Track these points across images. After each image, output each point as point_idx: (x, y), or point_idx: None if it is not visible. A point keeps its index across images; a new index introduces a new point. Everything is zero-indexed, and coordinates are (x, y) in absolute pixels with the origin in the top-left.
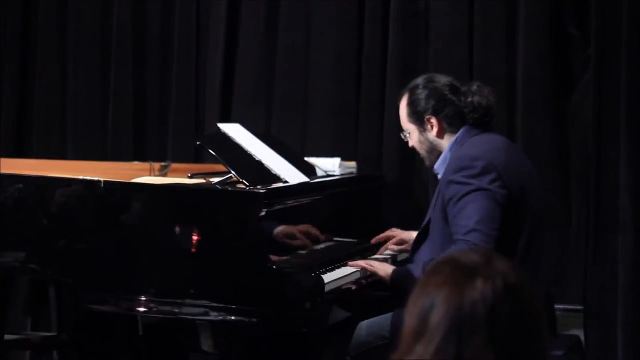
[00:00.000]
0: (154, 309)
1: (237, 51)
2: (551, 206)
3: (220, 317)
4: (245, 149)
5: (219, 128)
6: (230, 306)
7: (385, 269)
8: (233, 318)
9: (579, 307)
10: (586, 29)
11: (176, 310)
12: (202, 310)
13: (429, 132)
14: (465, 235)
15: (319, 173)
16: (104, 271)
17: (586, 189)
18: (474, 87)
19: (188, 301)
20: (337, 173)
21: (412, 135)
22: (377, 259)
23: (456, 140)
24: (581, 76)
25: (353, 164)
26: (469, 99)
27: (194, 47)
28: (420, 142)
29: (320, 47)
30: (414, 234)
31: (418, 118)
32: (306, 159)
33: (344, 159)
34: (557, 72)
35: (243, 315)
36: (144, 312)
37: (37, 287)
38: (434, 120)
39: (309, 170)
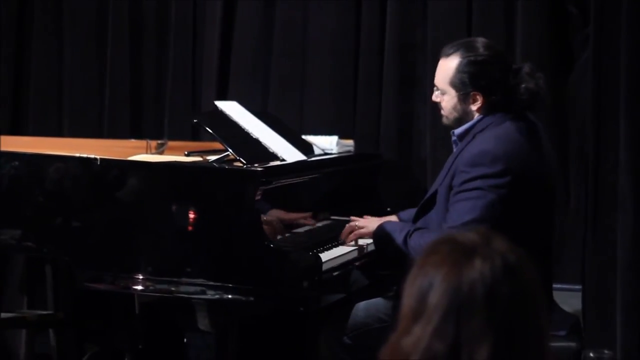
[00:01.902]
0: (151, 287)
1: (234, 28)
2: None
3: (217, 296)
4: (242, 127)
5: (215, 106)
6: (227, 284)
7: (370, 226)
8: (230, 296)
9: (577, 287)
10: (585, 7)
11: (173, 289)
12: (198, 288)
13: (470, 104)
14: (450, 229)
15: (317, 151)
16: (100, 249)
17: (585, 168)
18: (527, 69)
19: (185, 279)
20: (334, 151)
21: (448, 98)
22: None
23: (483, 117)
24: (580, 55)
25: (350, 142)
26: (523, 85)
27: (190, 23)
28: (454, 108)
29: (317, 24)
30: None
31: (463, 89)
32: (303, 137)
33: (341, 136)
34: (555, 50)
35: (240, 293)
36: (141, 290)
37: (33, 265)
38: (479, 97)
39: (307, 148)
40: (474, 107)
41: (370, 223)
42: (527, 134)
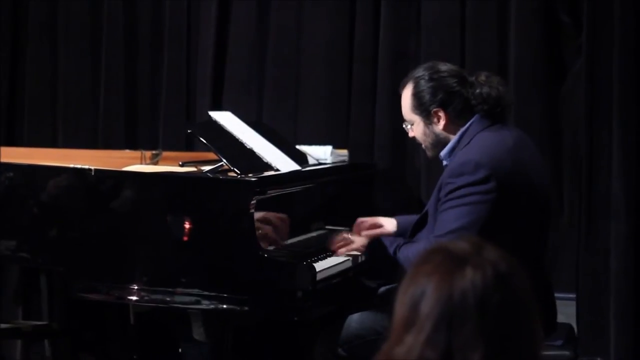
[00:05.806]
0: (145, 298)
1: (228, 38)
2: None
3: (212, 306)
4: (237, 137)
5: (210, 116)
6: (221, 294)
7: (362, 241)
8: (225, 306)
9: (571, 295)
10: (578, 17)
11: (168, 299)
12: (193, 298)
13: (435, 124)
14: (437, 237)
15: (311, 161)
16: (95, 260)
17: (578, 176)
18: (482, 77)
19: (179, 290)
20: (328, 161)
21: (416, 126)
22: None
23: (467, 130)
24: (573, 64)
25: (345, 151)
26: (477, 90)
27: (184, 34)
28: (425, 134)
29: (311, 34)
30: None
31: (424, 110)
32: (298, 147)
33: (335, 146)
34: (548, 59)
35: (235, 303)
36: (135, 300)
37: (28, 276)
38: (441, 114)
39: (301, 158)
40: (440, 126)
41: (361, 239)
42: (512, 143)
